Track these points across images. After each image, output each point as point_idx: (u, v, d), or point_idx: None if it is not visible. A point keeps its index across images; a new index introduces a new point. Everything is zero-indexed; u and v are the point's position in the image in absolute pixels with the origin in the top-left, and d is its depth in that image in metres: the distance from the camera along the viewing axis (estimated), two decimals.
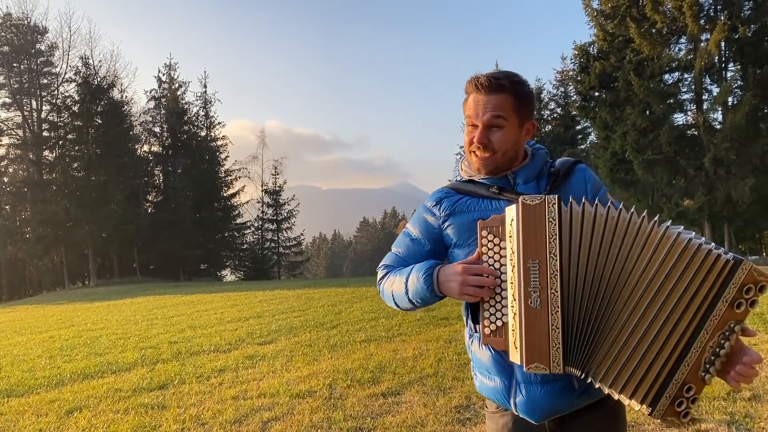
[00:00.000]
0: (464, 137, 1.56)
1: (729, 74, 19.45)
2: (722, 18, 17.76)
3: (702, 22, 18.52)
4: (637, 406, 1.29)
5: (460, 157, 1.70)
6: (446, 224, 1.59)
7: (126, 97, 36.13)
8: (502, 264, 1.40)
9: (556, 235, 1.31)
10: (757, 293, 1.24)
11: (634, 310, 1.28)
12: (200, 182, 36.45)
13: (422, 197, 2.15)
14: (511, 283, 1.36)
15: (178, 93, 37.72)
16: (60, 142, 33.34)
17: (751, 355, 1.27)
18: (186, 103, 38.19)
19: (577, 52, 23.06)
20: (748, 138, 17.78)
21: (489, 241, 1.42)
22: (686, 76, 20.24)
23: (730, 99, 18.67)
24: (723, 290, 1.24)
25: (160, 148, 37.64)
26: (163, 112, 37.40)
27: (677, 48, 20.35)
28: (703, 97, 19.80)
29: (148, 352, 7.36)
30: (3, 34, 33.92)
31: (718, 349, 1.25)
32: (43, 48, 34.75)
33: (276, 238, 41.02)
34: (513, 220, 1.36)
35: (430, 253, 1.62)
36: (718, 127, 19.00)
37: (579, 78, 22.62)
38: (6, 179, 35.48)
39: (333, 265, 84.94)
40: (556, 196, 1.34)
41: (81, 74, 32.77)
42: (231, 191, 39.59)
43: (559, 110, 30.59)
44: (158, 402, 4.93)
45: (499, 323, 1.40)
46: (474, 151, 1.54)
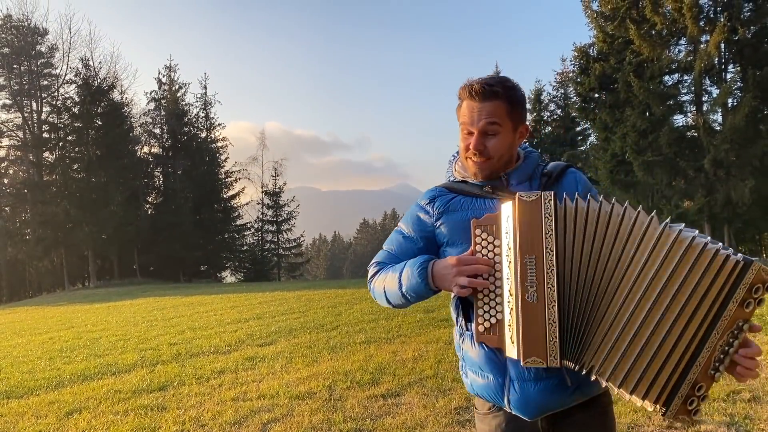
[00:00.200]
0: (460, 143, 1.58)
1: (729, 76, 19.44)
2: (722, 20, 17.76)
3: (702, 23, 18.51)
4: (650, 407, 1.29)
5: (453, 158, 1.70)
6: (439, 222, 1.60)
7: (126, 99, 36.23)
8: (495, 262, 1.41)
9: (552, 230, 1.33)
10: (765, 292, 1.26)
11: (636, 308, 1.29)
12: (200, 184, 36.47)
13: None
14: (508, 278, 1.37)
15: (178, 94, 37.75)
16: (60, 144, 33.37)
17: (753, 348, 1.29)
18: (186, 104, 38.25)
19: (576, 54, 23.06)
20: (747, 139, 17.77)
21: (483, 239, 1.43)
22: (686, 77, 20.23)
23: (729, 100, 18.65)
24: (734, 291, 1.24)
25: (160, 150, 37.67)
26: (163, 113, 37.41)
27: (677, 50, 20.35)
28: (703, 98, 19.79)
29: (147, 353, 7.36)
30: (3, 35, 33.93)
31: (727, 348, 1.26)
32: (43, 49, 34.78)
33: (276, 240, 41.02)
34: (509, 216, 1.37)
35: (423, 251, 1.62)
36: (718, 128, 18.98)
37: (579, 79, 22.61)
38: (6, 180, 35.47)
39: (333, 266, 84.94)
40: (551, 192, 1.35)
41: (81, 76, 32.81)
42: (231, 193, 39.64)
43: (558, 112, 30.59)
44: (158, 403, 4.93)
45: (493, 320, 1.41)
46: (470, 157, 1.55)
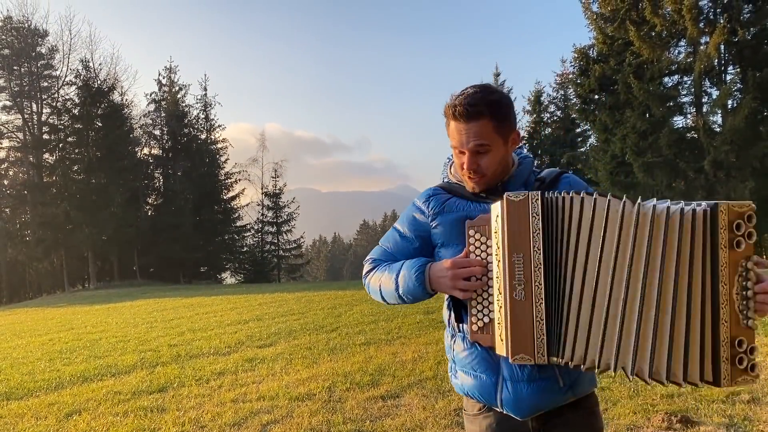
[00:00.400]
0: (454, 158, 1.59)
1: (728, 77, 19.45)
2: (722, 21, 17.77)
3: (701, 25, 18.52)
4: (700, 384, 1.23)
5: (448, 160, 1.71)
6: (435, 223, 1.62)
7: (126, 100, 36.25)
8: (489, 262, 1.43)
9: (539, 229, 1.34)
10: (748, 225, 1.23)
11: (627, 295, 1.27)
12: (200, 185, 36.45)
13: None
14: (497, 277, 1.39)
15: (179, 96, 37.75)
16: (60, 145, 33.42)
17: (766, 279, 1.25)
18: (186, 105, 38.26)
19: (576, 55, 23.09)
20: (747, 141, 17.77)
21: (476, 240, 1.45)
22: (686, 79, 20.25)
23: (729, 102, 18.66)
24: (716, 238, 1.22)
25: (160, 151, 37.69)
26: (163, 114, 37.43)
27: (677, 51, 20.37)
28: (703, 100, 19.80)
29: (147, 355, 7.36)
30: (3, 37, 33.99)
31: (745, 292, 1.23)
32: (43, 51, 34.81)
33: (276, 241, 40.99)
34: (498, 216, 1.39)
35: (419, 251, 1.64)
36: (718, 129, 18.99)
37: (579, 81, 22.63)
38: (6, 182, 35.49)
39: (333, 267, 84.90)
40: (538, 192, 1.37)
41: (81, 77, 32.85)
42: (231, 194, 39.65)
43: (558, 113, 30.60)
44: (157, 405, 4.93)
45: (486, 320, 1.43)
46: (465, 175, 1.55)
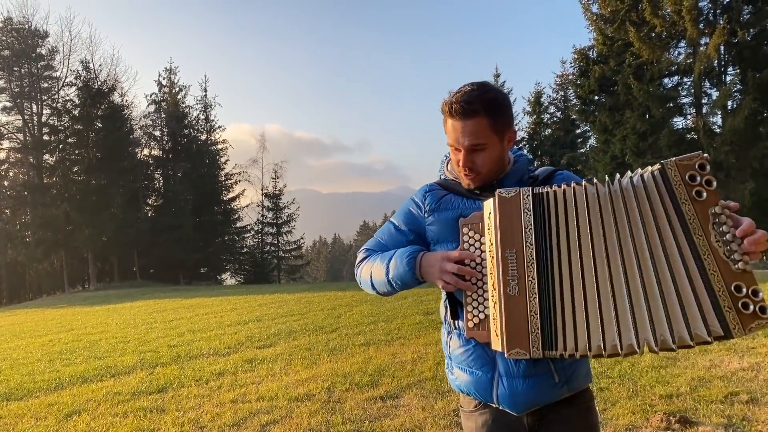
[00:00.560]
0: (450, 155, 1.60)
1: (728, 78, 19.48)
2: (721, 22, 17.80)
3: (701, 26, 18.55)
4: (711, 340, 1.21)
5: (445, 158, 1.73)
6: (430, 219, 1.63)
7: (126, 101, 36.22)
8: (483, 259, 1.44)
9: (531, 224, 1.36)
10: (702, 173, 1.23)
11: (613, 276, 1.28)
12: (200, 186, 36.45)
13: None
14: (491, 273, 1.40)
15: (179, 97, 37.76)
16: (60, 146, 33.38)
17: (744, 221, 1.23)
18: (186, 106, 38.25)
19: (576, 56, 23.12)
20: (747, 142, 17.79)
21: (470, 237, 1.47)
22: (686, 79, 20.28)
23: (729, 103, 18.68)
24: (673, 194, 1.24)
25: (161, 152, 37.67)
26: (163, 115, 37.42)
27: (677, 52, 20.41)
28: (703, 100, 19.82)
29: (147, 355, 7.37)
30: (4, 38, 34.01)
31: (725, 237, 1.22)
32: (43, 52, 34.84)
33: (276, 242, 40.99)
34: (491, 213, 1.41)
35: (412, 244, 1.65)
36: (718, 130, 19.02)
37: (579, 82, 22.67)
38: (6, 183, 35.50)
39: (333, 268, 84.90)
40: (529, 188, 1.38)
41: (81, 78, 32.81)
42: (231, 195, 39.63)
43: (558, 114, 30.62)
44: (157, 405, 4.93)
45: (482, 316, 1.43)
46: (461, 172, 1.56)
